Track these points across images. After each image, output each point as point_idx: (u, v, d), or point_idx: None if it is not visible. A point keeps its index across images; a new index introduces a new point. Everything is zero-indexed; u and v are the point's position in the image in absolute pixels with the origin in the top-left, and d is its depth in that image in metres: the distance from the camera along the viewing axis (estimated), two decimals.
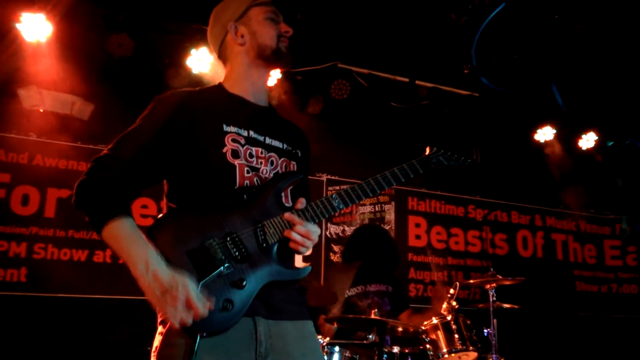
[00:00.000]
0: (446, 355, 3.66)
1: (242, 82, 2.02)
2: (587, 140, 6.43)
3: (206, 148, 1.83)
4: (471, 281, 4.38)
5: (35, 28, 4.30)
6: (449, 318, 3.74)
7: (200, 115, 1.88)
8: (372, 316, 3.65)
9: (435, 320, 3.77)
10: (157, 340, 1.77)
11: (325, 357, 3.48)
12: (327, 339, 3.54)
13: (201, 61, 4.73)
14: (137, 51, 4.63)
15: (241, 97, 2.00)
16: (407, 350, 3.76)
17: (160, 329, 1.78)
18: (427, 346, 3.73)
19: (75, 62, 4.58)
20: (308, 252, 1.89)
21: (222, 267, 1.68)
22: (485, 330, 4.02)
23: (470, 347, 3.68)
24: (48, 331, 4.43)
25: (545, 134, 6.32)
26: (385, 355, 3.65)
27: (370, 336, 3.66)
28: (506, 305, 4.21)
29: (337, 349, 3.54)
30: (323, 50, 5.19)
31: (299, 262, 2.03)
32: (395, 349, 3.71)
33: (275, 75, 4.93)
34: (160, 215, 1.82)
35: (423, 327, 3.79)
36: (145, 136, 1.83)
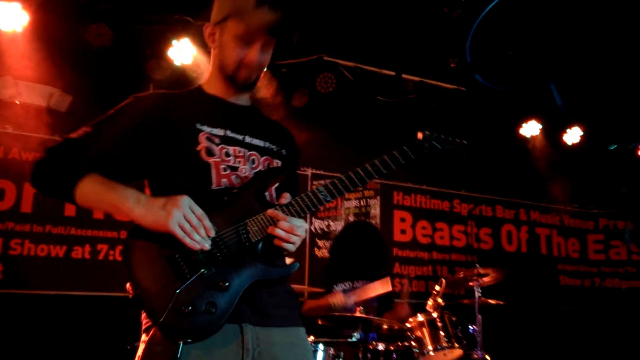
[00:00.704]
0: (431, 353, 3.63)
1: (215, 83, 1.95)
2: (572, 135, 6.44)
3: (180, 147, 1.79)
4: (461, 275, 4.27)
5: (10, 17, 4.16)
6: (434, 315, 3.72)
7: (175, 115, 1.84)
8: (358, 314, 3.61)
9: (420, 318, 3.75)
10: (140, 350, 1.71)
11: None
12: (312, 337, 3.49)
13: (183, 52, 4.61)
14: (117, 42, 4.50)
15: (219, 97, 1.94)
16: (392, 348, 3.72)
17: (143, 337, 1.72)
18: (413, 343, 3.70)
19: (53, 52, 4.44)
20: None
21: (202, 270, 1.62)
22: (470, 327, 4.00)
23: (456, 344, 3.67)
24: (25, 329, 4.33)
25: (530, 128, 6.31)
26: (370, 353, 3.62)
27: (356, 334, 3.62)
28: (491, 301, 4.20)
29: (321, 346, 3.49)
30: (308, 43, 5.11)
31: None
32: (380, 346, 3.67)
33: None
34: None
35: (408, 325, 3.75)
36: (115, 127, 1.80)
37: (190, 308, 1.57)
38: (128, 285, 1.65)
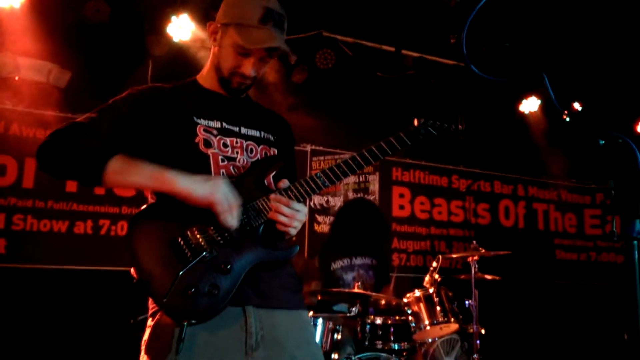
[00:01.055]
0: (428, 327, 3.71)
1: (211, 77, 1.98)
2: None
3: (178, 140, 1.82)
4: (453, 255, 4.38)
5: None
6: (431, 291, 3.79)
7: (173, 109, 1.87)
8: (356, 290, 3.68)
9: (417, 293, 3.81)
10: (146, 334, 1.76)
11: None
12: (311, 312, 3.56)
13: (182, 29, 4.60)
14: (115, 17, 4.48)
15: (213, 91, 1.97)
16: (389, 322, 3.79)
17: (149, 321, 1.77)
18: (410, 318, 3.78)
19: (51, 28, 4.42)
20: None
21: (204, 253, 1.66)
22: (466, 302, 4.07)
23: (452, 319, 3.74)
24: (28, 303, 4.40)
25: (530, 104, 6.31)
26: (368, 326, 3.69)
27: (354, 309, 3.69)
28: (488, 277, 4.26)
29: (320, 321, 3.57)
30: (307, 18, 5.08)
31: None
32: (378, 320, 3.75)
33: None
34: (143, 207, 1.80)
35: (405, 300, 3.82)
36: (118, 113, 1.82)
37: (193, 290, 1.61)
38: (132, 270, 1.69)
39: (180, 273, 1.60)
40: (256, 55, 1.86)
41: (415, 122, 1.95)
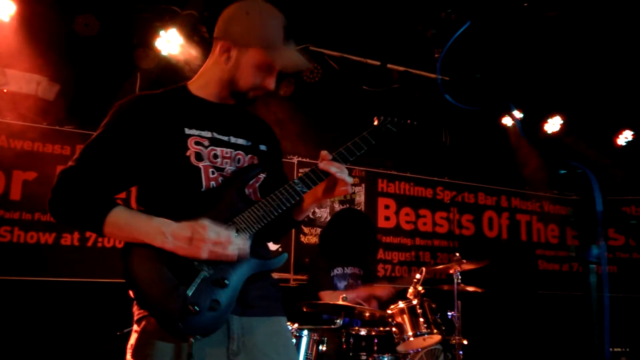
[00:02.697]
0: (411, 338, 3.78)
1: (211, 87, 1.99)
2: (553, 124, 6.60)
3: (169, 153, 1.84)
4: (438, 267, 4.47)
5: None
6: (414, 302, 3.85)
7: (162, 119, 1.87)
8: (340, 302, 3.74)
9: (401, 305, 3.88)
10: (133, 338, 1.79)
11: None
12: (296, 325, 3.61)
13: (170, 43, 4.65)
14: (104, 31, 4.53)
15: (205, 99, 1.98)
16: (373, 333, 3.85)
17: (135, 327, 1.81)
18: (393, 329, 3.84)
19: (40, 41, 4.45)
20: None
21: (203, 273, 1.71)
22: (449, 313, 4.14)
23: (435, 331, 3.81)
24: (14, 314, 4.40)
25: (512, 117, 6.44)
26: (352, 338, 3.75)
27: (339, 320, 3.75)
28: (470, 289, 4.33)
29: (305, 332, 3.62)
30: (295, 33, 5.15)
31: (271, 247, 2.10)
32: (362, 332, 3.81)
33: None
34: None
35: (389, 311, 3.89)
36: (107, 145, 1.83)
37: (196, 308, 1.67)
38: (131, 293, 1.73)
39: (190, 294, 1.66)
40: (277, 70, 1.95)
41: (376, 121, 2.05)
